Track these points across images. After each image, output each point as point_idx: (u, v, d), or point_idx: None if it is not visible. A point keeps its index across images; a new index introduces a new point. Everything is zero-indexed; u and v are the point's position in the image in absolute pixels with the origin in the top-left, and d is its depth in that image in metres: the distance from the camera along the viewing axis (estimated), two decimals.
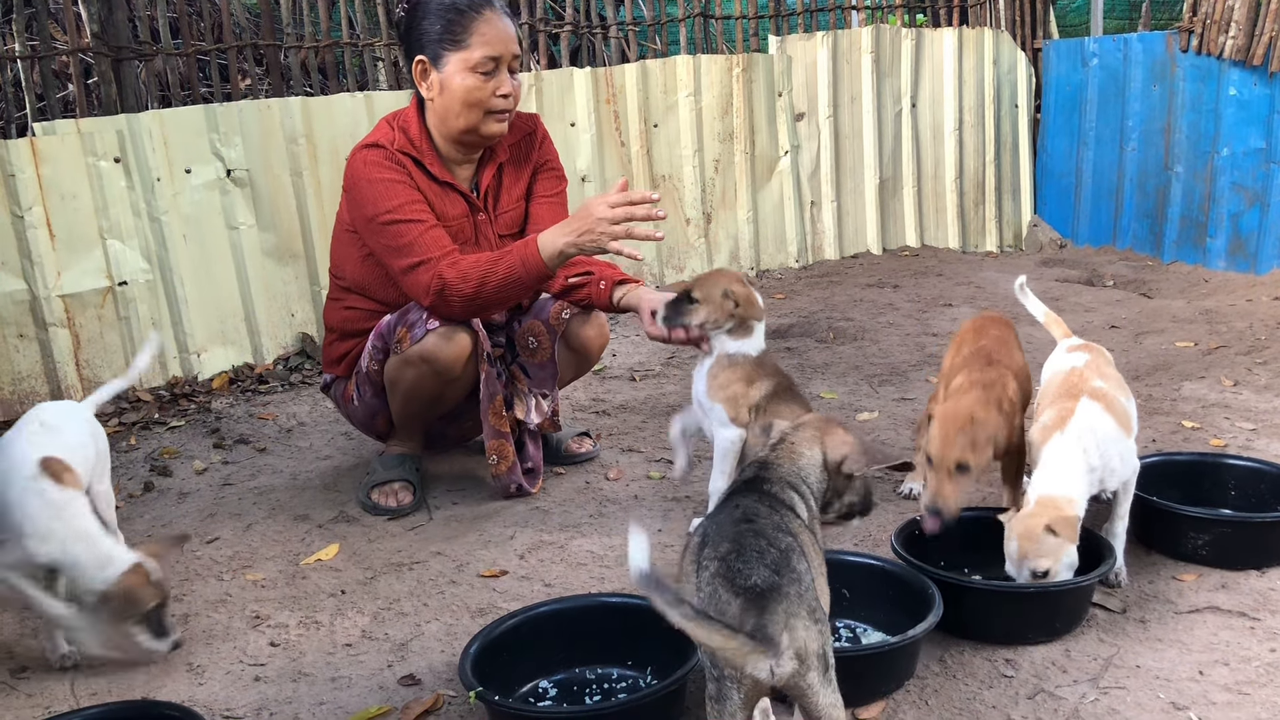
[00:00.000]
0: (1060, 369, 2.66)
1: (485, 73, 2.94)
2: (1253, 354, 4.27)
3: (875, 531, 2.82)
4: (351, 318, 3.17)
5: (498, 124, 3.01)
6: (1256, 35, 5.63)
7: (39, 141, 3.98)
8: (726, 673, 1.57)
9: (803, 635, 1.56)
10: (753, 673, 1.54)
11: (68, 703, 2.20)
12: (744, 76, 5.98)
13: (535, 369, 3.19)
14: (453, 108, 2.97)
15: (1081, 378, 2.54)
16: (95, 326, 4.14)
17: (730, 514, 1.73)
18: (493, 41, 2.93)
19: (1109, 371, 2.63)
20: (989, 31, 6.81)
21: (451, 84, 2.95)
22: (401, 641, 2.40)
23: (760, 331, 2.84)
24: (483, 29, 2.93)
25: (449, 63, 2.94)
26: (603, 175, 5.49)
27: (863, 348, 4.68)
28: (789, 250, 6.30)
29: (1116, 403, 2.48)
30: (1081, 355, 2.68)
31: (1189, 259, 6.13)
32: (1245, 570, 2.51)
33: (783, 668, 1.54)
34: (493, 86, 2.95)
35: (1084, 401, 2.44)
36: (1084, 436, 2.38)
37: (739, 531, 1.67)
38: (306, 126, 4.57)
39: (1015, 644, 2.24)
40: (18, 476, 2.24)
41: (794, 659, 1.55)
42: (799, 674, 1.56)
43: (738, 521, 1.69)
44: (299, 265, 4.65)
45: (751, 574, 1.58)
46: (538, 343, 3.16)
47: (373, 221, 2.93)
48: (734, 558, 1.61)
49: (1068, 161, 6.81)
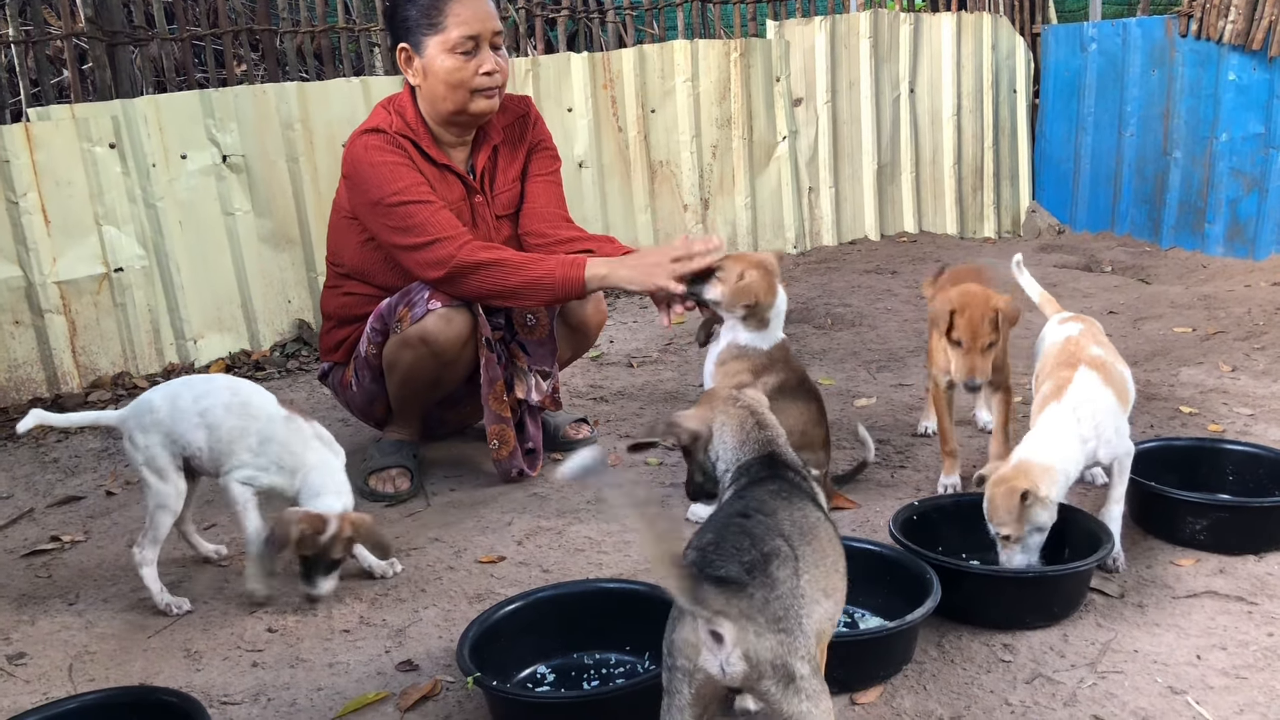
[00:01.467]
0: (1056, 340, 2.70)
1: (465, 52, 2.93)
2: (1250, 339, 4.27)
3: (872, 517, 2.82)
4: (349, 303, 3.17)
5: (486, 101, 3.00)
6: (1256, 20, 5.61)
7: (34, 127, 3.96)
8: (679, 662, 1.53)
9: (754, 641, 1.49)
10: (703, 665, 1.50)
11: (65, 688, 2.20)
12: (742, 61, 5.95)
13: (534, 346, 3.18)
14: (438, 91, 2.97)
15: (1079, 346, 2.57)
16: (91, 313, 4.13)
17: (734, 505, 1.71)
18: (469, 21, 2.92)
19: (1103, 340, 2.68)
20: (987, 16, 6.79)
21: (434, 68, 2.95)
22: (399, 627, 2.40)
23: (776, 325, 2.77)
24: (457, 9, 2.92)
25: (429, 47, 2.94)
26: (600, 161, 5.48)
27: (861, 334, 4.67)
28: (787, 236, 6.29)
29: (1114, 371, 2.52)
30: (1075, 325, 2.72)
31: (1187, 244, 6.12)
32: (1243, 555, 2.51)
33: (732, 667, 1.49)
34: (474, 65, 2.94)
35: (1082, 370, 2.46)
36: (1080, 407, 2.41)
37: (727, 525, 1.64)
38: (302, 112, 4.55)
39: (1013, 629, 2.24)
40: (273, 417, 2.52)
41: (742, 660, 1.49)
42: (752, 680, 1.51)
43: (732, 515, 1.67)
44: (295, 251, 4.64)
45: (722, 567, 1.54)
46: (536, 319, 3.15)
47: (379, 204, 2.92)
48: (711, 549, 1.58)
49: (1066, 147, 6.80)
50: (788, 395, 2.77)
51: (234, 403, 2.53)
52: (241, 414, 2.51)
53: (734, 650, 1.49)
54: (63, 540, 2.94)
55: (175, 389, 2.55)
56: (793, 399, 2.78)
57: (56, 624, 2.48)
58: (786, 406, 2.77)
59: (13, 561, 2.83)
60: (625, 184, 5.62)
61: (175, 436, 2.48)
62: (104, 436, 3.69)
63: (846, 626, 2.29)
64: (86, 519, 3.10)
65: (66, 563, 2.81)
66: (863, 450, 3.01)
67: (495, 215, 3.16)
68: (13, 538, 2.99)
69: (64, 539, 2.94)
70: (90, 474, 3.43)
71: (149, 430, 2.48)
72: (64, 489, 3.32)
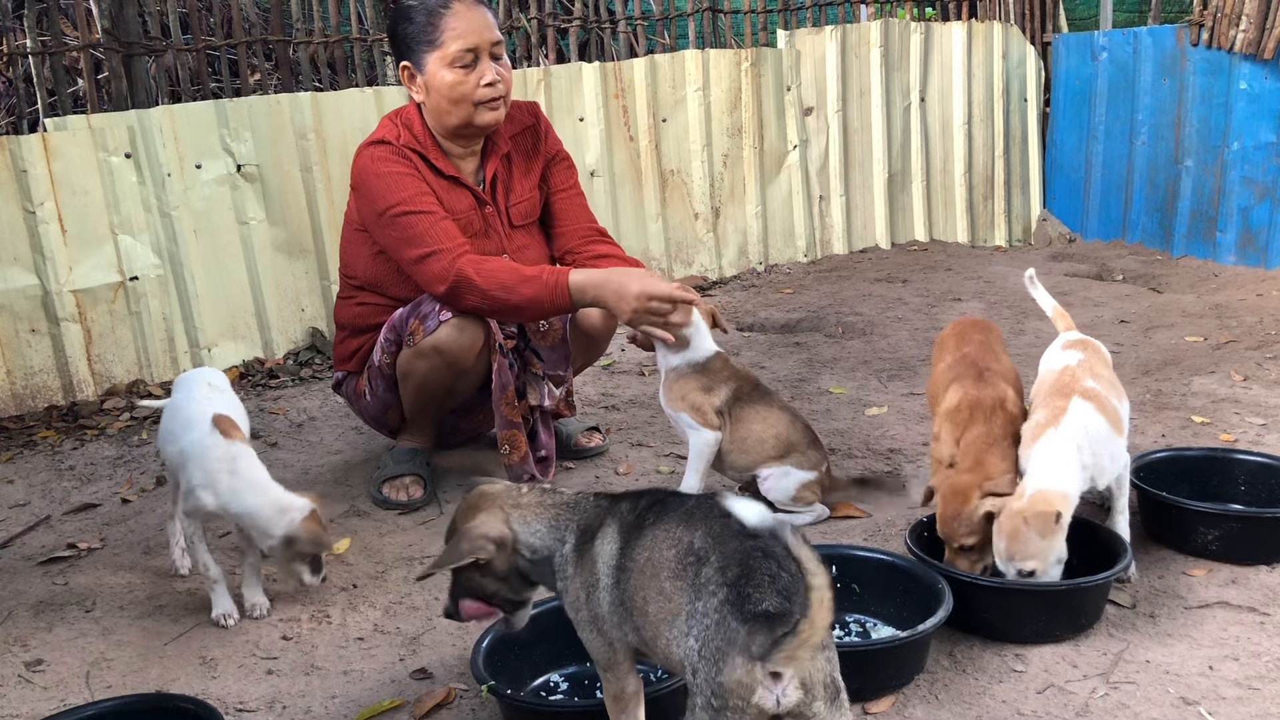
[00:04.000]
0: (1054, 367, 2.65)
1: (464, 66, 2.95)
2: (1263, 349, 4.26)
3: (883, 526, 2.82)
4: (363, 314, 3.19)
5: (491, 113, 3.02)
6: (1268, 29, 5.60)
7: (50, 137, 4.00)
8: (731, 703, 1.46)
9: (808, 664, 1.47)
10: (757, 703, 1.46)
11: (82, 695, 2.22)
12: (752, 71, 5.97)
13: (548, 351, 3.19)
14: (442, 106, 2.99)
15: (1074, 377, 2.52)
16: (107, 321, 4.16)
17: (725, 525, 1.60)
18: (465, 33, 2.93)
19: (1102, 371, 2.61)
20: (998, 25, 6.79)
21: (435, 83, 2.97)
22: (413, 635, 2.42)
23: (699, 342, 2.82)
24: (453, 23, 2.93)
25: (429, 63, 2.97)
26: (611, 170, 5.49)
27: (872, 342, 4.68)
28: (797, 245, 6.30)
29: (1108, 403, 2.47)
30: (1075, 354, 2.65)
31: (1199, 253, 6.11)
32: (1255, 565, 2.51)
33: (788, 697, 1.46)
34: (475, 77, 2.96)
35: (1076, 401, 2.43)
36: (1077, 434, 2.37)
37: (746, 551, 1.55)
38: (316, 121, 4.58)
39: (1028, 643, 2.24)
40: (194, 433, 2.49)
41: (799, 689, 1.46)
42: (804, 704, 1.48)
43: (742, 538, 1.57)
44: (309, 260, 4.66)
45: (764, 599, 1.49)
46: (549, 324, 3.16)
47: (383, 215, 2.94)
48: (744, 583, 1.51)
49: (1077, 156, 6.79)
50: (747, 403, 2.83)
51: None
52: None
53: (791, 682, 1.46)
54: (79, 548, 2.96)
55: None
56: (754, 406, 2.84)
57: (74, 631, 2.50)
58: (750, 416, 2.82)
59: (30, 569, 2.86)
60: (637, 193, 5.64)
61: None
62: (120, 444, 3.72)
63: (859, 636, 2.30)
64: (103, 526, 3.12)
65: (83, 570, 2.83)
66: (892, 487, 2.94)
67: (510, 225, 3.18)
68: (30, 545, 3.02)
69: (80, 546, 2.96)
70: (106, 481, 3.45)
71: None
72: (80, 496, 3.34)
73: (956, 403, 2.62)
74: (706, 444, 2.80)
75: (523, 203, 3.21)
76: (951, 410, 2.62)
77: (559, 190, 3.29)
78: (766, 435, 2.83)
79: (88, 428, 3.87)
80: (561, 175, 3.30)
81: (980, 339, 2.83)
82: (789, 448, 2.83)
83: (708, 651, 1.50)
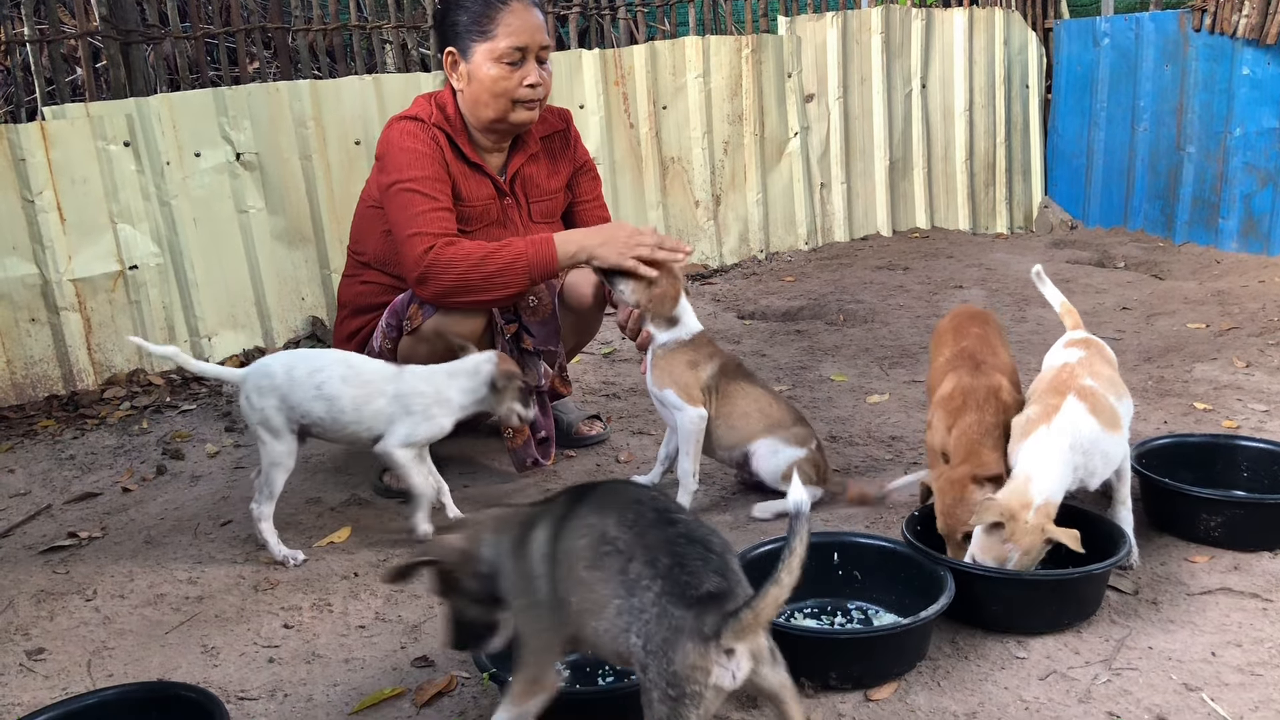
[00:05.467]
0: (1054, 364, 2.64)
1: (511, 63, 2.97)
2: (1265, 335, 4.25)
3: (886, 514, 2.82)
4: (366, 292, 3.19)
5: (526, 112, 3.05)
6: (1270, 14, 5.58)
7: (49, 126, 3.98)
8: (689, 689, 1.48)
9: (754, 639, 1.53)
10: (714, 682, 1.49)
11: (84, 684, 2.22)
12: (753, 57, 5.95)
13: (538, 326, 3.19)
14: (481, 97, 3.01)
15: (1072, 374, 2.50)
16: (106, 310, 4.15)
17: (639, 514, 1.64)
18: (518, 32, 2.96)
19: (1102, 370, 2.58)
20: (999, 11, 6.77)
21: (479, 74, 2.99)
22: (414, 623, 2.42)
23: (686, 320, 2.86)
24: (509, 19, 2.96)
25: (476, 53, 2.99)
26: (612, 157, 5.48)
27: (873, 330, 4.67)
28: (799, 232, 6.28)
29: (1103, 402, 2.45)
30: (1076, 351, 2.64)
31: (1201, 240, 6.10)
32: (1258, 552, 2.51)
33: (741, 670, 1.51)
34: (519, 76, 2.99)
35: (1070, 399, 2.41)
36: (1067, 433, 2.35)
37: (669, 538, 1.59)
38: (315, 109, 4.57)
39: (1025, 632, 2.24)
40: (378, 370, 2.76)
41: (749, 660, 1.51)
42: (754, 672, 1.53)
43: (661, 526, 1.61)
44: (308, 249, 4.65)
45: (703, 582, 1.53)
46: (538, 299, 3.16)
47: (392, 186, 2.96)
48: (678, 571, 1.54)
49: (1079, 142, 6.78)
50: (732, 379, 2.89)
51: (349, 374, 2.72)
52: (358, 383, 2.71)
53: (744, 655, 1.51)
54: (80, 537, 2.96)
55: (292, 360, 2.74)
56: (738, 383, 2.89)
57: (75, 620, 2.50)
58: (735, 392, 2.89)
59: (31, 558, 2.86)
60: (637, 180, 5.62)
61: (293, 404, 2.67)
62: (120, 433, 3.71)
63: (861, 623, 2.29)
64: (103, 515, 3.12)
65: (84, 559, 2.83)
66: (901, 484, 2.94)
67: (532, 221, 3.20)
68: (31, 534, 3.02)
69: (81, 535, 2.96)
70: (107, 470, 3.45)
71: (266, 393, 2.66)
72: (81, 485, 3.34)
73: (950, 390, 2.61)
74: (693, 421, 2.81)
75: (547, 201, 3.25)
76: (945, 398, 2.61)
77: (583, 201, 3.34)
78: (752, 410, 2.87)
79: (88, 417, 3.87)
80: (587, 186, 3.36)
81: (978, 332, 2.81)
82: (776, 423, 2.86)
83: (654, 645, 1.51)
